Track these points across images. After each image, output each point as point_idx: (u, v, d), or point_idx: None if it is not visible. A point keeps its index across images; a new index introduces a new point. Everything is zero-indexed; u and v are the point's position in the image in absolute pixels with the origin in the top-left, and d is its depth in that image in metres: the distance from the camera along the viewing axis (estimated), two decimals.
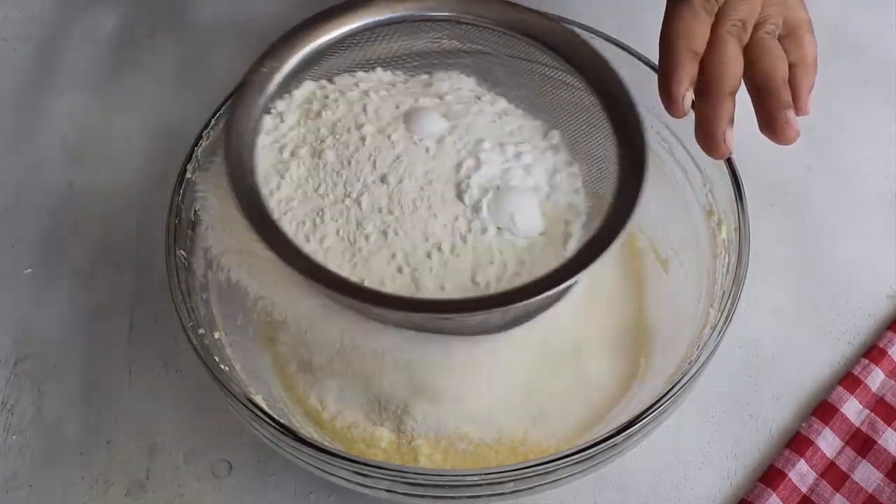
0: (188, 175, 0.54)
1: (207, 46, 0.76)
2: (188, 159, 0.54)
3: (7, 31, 0.77)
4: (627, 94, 0.49)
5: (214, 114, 0.55)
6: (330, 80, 0.53)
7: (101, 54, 0.76)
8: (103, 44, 0.76)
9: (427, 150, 0.50)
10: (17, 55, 0.76)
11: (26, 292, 0.64)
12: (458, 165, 0.50)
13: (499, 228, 0.49)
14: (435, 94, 0.53)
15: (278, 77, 0.49)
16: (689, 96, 0.49)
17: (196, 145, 0.54)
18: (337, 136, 0.50)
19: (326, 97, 0.52)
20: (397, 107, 0.52)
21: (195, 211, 0.54)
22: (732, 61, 0.49)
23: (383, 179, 0.49)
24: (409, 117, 0.52)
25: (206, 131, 0.55)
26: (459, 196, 0.49)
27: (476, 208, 0.49)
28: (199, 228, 0.54)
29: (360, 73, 0.54)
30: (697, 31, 0.50)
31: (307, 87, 0.52)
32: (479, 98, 0.54)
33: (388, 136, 0.50)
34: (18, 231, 0.67)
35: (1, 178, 0.69)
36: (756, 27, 0.51)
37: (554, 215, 0.50)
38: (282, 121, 0.51)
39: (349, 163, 0.50)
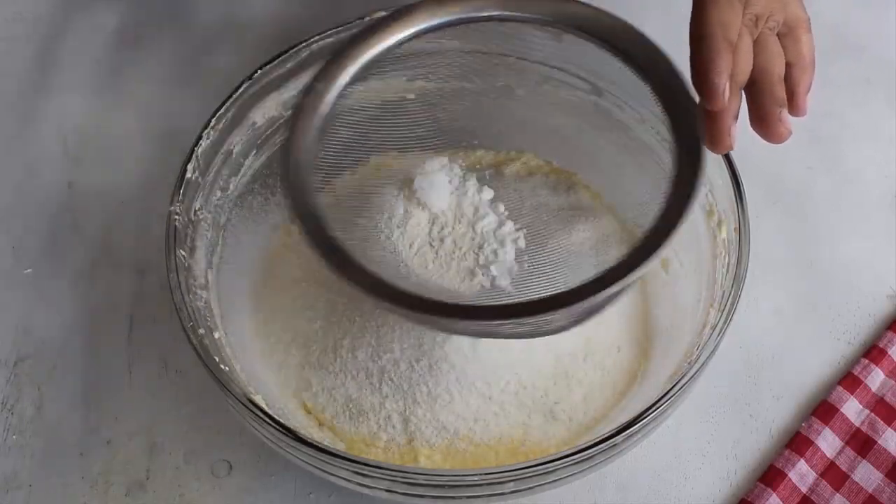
0: (188, 175, 0.54)
1: (207, 46, 0.76)
2: (188, 159, 0.54)
3: (7, 31, 0.77)
4: (682, 80, 0.48)
5: (214, 114, 0.55)
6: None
7: (101, 54, 0.76)
8: (103, 44, 0.76)
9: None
10: (17, 55, 0.76)
11: (26, 292, 0.64)
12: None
13: None
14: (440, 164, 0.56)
15: (330, 96, 0.49)
16: (728, 88, 0.47)
17: (196, 145, 0.55)
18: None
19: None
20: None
21: (195, 210, 0.54)
22: (744, 55, 0.49)
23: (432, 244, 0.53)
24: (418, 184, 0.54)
25: (206, 131, 0.55)
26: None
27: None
28: (200, 229, 0.55)
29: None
30: (734, 22, 0.48)
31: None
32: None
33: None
34: (18, 231, 0.67)
35: (1, 178, 0.69)
36: None
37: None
38: None
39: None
